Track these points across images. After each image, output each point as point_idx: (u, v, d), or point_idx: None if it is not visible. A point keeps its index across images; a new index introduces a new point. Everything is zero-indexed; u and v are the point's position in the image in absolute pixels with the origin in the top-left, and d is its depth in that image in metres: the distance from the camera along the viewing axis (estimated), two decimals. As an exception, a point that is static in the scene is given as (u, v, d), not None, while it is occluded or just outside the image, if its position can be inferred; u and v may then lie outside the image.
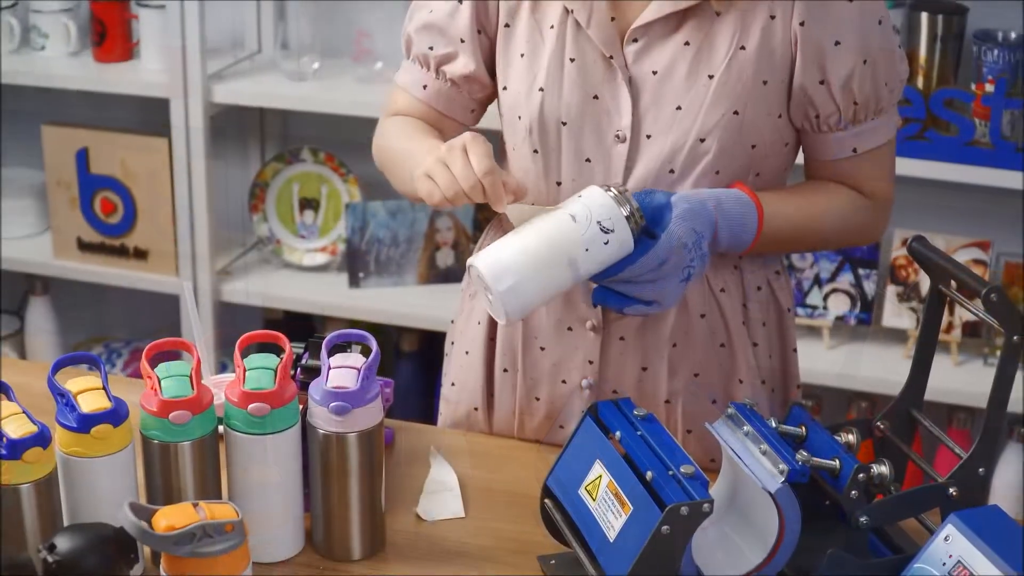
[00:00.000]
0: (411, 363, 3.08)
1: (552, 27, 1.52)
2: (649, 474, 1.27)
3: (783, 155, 1.54)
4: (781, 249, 1.59)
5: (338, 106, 2.78)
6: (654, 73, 1.48)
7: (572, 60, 1.51)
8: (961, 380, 2.60)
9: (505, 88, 1.56)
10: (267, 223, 3.04)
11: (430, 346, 3.06)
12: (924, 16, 2.55)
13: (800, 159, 1.60)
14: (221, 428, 1.36)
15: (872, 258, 2.73)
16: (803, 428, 1.38)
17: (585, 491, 1.33)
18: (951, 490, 1.30)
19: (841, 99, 1.48)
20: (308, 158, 3.00)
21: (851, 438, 1.39)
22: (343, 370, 1.36)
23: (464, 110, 1.63)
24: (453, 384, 1.72)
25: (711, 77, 1.47)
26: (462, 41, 1.57)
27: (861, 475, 1.29)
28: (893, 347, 2.74)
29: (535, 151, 1.54)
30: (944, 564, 1.19)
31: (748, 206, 1.47)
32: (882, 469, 1.31)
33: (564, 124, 1.51)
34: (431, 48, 1.60)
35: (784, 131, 1.52)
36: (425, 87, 1.63)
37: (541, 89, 1.52)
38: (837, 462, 1.31)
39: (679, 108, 1.48)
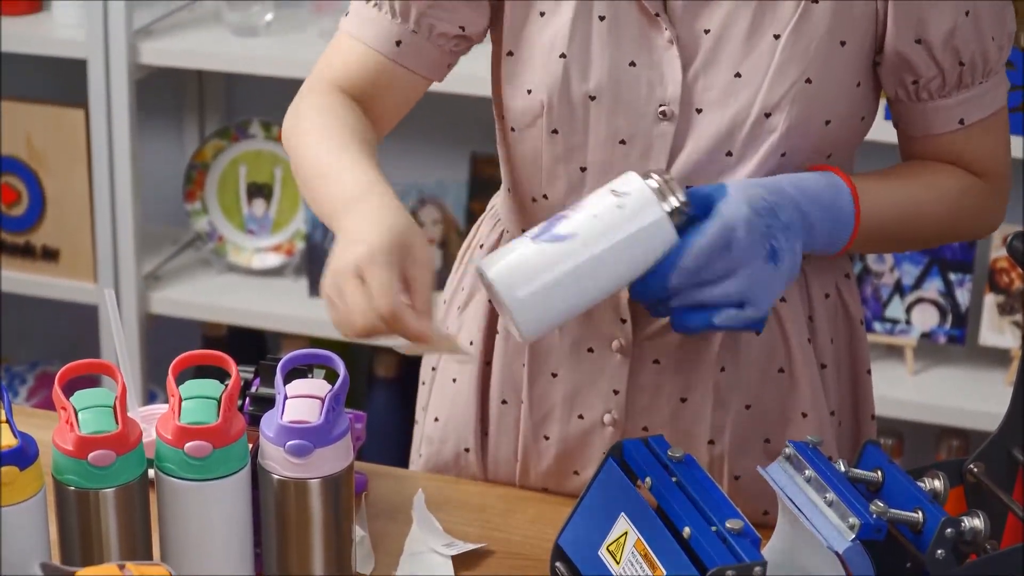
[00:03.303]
0: (388, 392, 3.08)
1: None
2: (687, 531, 1.28)
3: (857, 132, 1.56)
4: (881, 246, 1.60)
5: (296, 68, 2.78)
6: (707, 32, 1.50)
7: (602, 18, 1.51)
8: (1078, 413, 2.61)
9: (511, 54, 1.56)
10: (207, 215, 3.05)
11: (411, 370, 3.06)
12: (1031, -44, 2.56)
13: (876, 136, 1.61)
14: (151, 472, 1.37)
15: (966, 260, 2.73)
16: (879, 472, 1.39)
17: (607, 552, 1.34)
18: (1062, 549, 1.31)
19: (944, 59, 1.50)
20: (258, 133, 3.02)
21: (938, 484, 1.40)
22: (303, 400, 1.37)
23: (436, 67, 1.60)
24: (437, 419, 1.73)
25: (777, 37, 1.48)
26: None
27: (949, 530, 1.30)
28: (992, 371, 2.75)
29: (554, 131, 1.55)
30: (1053, 641, 1.21)
31: (835, 185, 1.48)
32: (975, 523, 1.32)
33: (592, 99, 1.52)
34: None
35: (862, 102, 1.54)
36: (399, 43, 1.56)
37: (563, 55, 1.52)
38: (920, 514, 1.32)
39: (738, 75, 1.49)
